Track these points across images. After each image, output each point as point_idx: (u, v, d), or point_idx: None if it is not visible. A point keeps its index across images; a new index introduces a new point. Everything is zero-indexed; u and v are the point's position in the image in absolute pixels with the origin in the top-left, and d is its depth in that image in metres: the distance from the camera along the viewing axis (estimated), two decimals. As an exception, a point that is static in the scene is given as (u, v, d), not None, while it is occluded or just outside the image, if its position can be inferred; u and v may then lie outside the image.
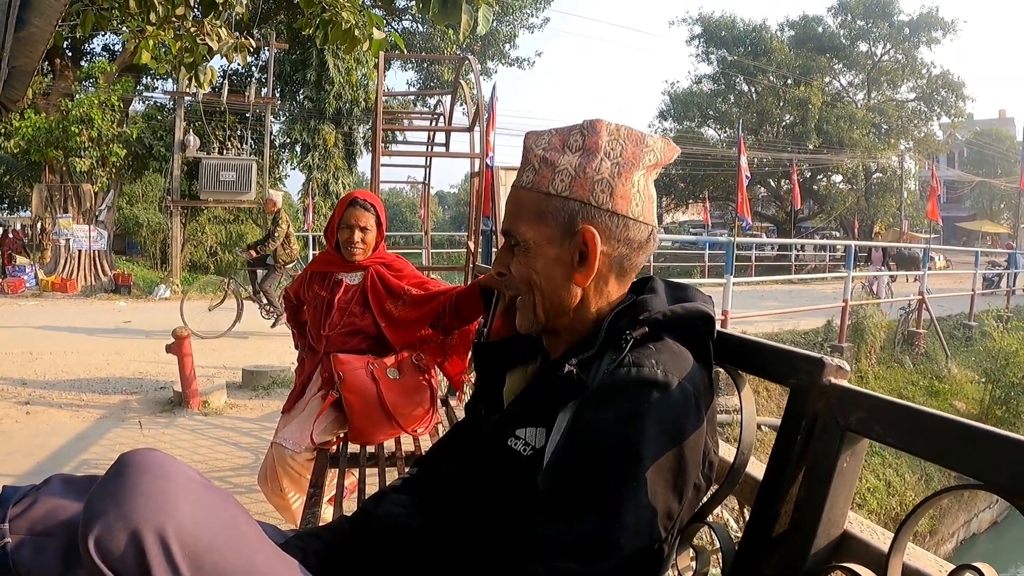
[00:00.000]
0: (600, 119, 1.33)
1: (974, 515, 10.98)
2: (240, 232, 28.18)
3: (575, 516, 1.10)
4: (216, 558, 1.08)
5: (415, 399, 3.07)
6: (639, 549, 1.11)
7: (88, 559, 1.04)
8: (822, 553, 1.11)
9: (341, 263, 3.26)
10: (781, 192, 39.78)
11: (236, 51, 5.93)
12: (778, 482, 1.19)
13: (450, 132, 6.56)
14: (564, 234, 1.29)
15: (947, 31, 37.42)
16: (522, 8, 27.58)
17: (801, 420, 1.18)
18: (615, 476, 1.09)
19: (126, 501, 1.07)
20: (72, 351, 9.64)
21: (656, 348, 1.20)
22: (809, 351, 1.26)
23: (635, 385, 1.13)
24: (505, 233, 1.35)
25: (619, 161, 1.29)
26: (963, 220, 49.21)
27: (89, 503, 1.09)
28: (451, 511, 1.39)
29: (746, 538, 1.23)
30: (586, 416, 1.15)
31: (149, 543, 1.03)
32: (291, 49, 23.16)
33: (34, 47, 3.90)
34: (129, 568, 1.03)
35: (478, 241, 5.23)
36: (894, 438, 1.05)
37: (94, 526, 1.05)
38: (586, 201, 1.27)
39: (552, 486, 1.15)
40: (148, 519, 1.05)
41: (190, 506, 1.09)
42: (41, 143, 17.50)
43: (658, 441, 1.10)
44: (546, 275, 1.31)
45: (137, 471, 1.11)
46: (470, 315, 3.07)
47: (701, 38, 40.84)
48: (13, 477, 4.76)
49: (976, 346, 14.64)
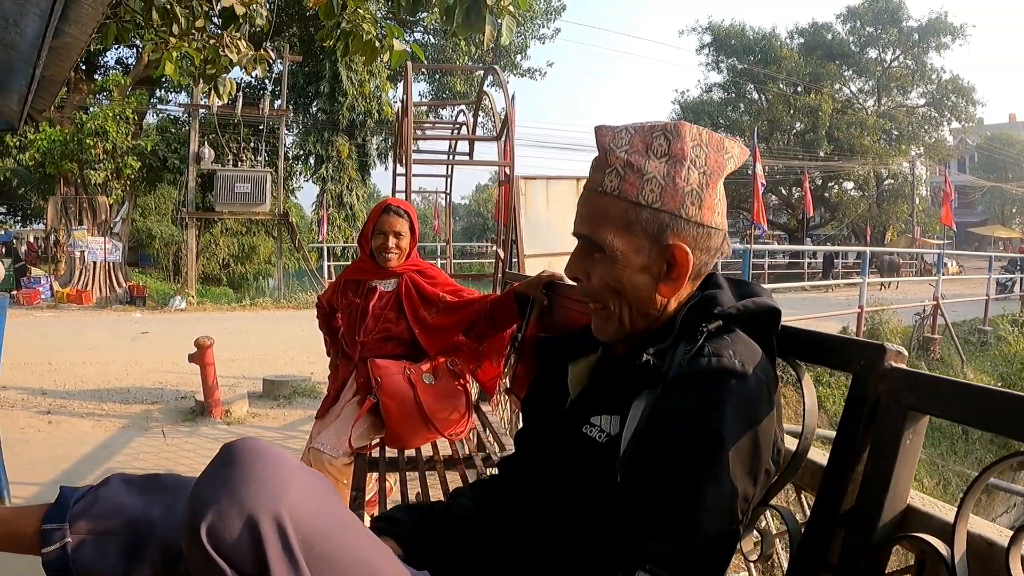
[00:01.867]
0: (683, 122, 1.32)
1: (992, 519, 10.95)
2: (252, 244, 28.31)
3: (658, 497, 1.12)
4: (325, 545, 1.10)
5: (451, 403, 3.09)
6: (718, 529, 1.14)
7: (198, 547, 1.05)
8: (888, 527, 1.15)
9: (376, 270, 3.29)
10: (792, 200, 39.75)
11: (256, 63, 5.98)
12: (844, 462, 1.23)
13: (474, 141, 6.59)
14: (652, 244, 1.28)
15: (956, 36, 37.40)
16: (533, 19, 27.67)
17: (864, 402, 1.22)
18: (698, 459, 1.12)
19: (240, 488, 1.08)
20: (91, 361, 9.70)
21: (731, 339, 1.22)
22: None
23: (716, 374, 1.16)
24: (584, 238, 1.33)
25: (705, 170, 1.28)
26: (975, 225, 48.96)
27: (198, 492, 1.10)
28: (525, 502, 1.41)
29: (814, 517, 1.26)
30: (668, 405, 1.17)
31: (266, 529, 1.05)
32: (304, 61, 23.29)
33: (67, 57, 3.96)
34: (243, 554, 1.05)
35: (508, 249, 5.24)
36: (954, 412, 1.10)
37: (206, 514, 1.06)
38: (677, 213, 1.26)
39: (633, 472, 1.17)
40: (264, 505, 1.07)
41: (301, 492, 1.11)
42: (56, 156, 17.64)
43: (737, 426, 1.13)
44: (632, 284, 1.30)
45: (248, 458, 1.13)
46: (504, 323, 3.09)
47: (711, 47, 40.87)
48: (39, 486, 4.79)
49: (991, 351, 14.61)
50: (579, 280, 1.37)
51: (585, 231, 1.32)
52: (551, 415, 1.47)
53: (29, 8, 3.00)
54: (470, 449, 3.80)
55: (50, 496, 1.50)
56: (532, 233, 6.55)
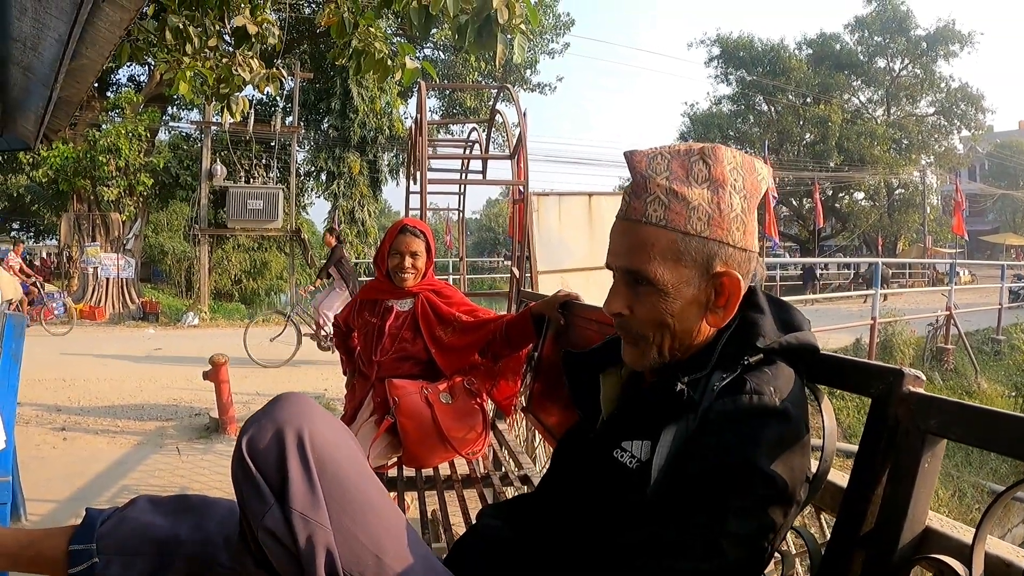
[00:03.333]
0: (717, 145, 1.29)
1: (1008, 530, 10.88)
2: (264, 260, 28.40)
3: (685, 518, 1.12)
4: (336, 469, 1.33)
5: (468, 423, 3.09)
6: (741, 558, 1.13)
7: (239, 459, 1.32)
8: (907, 548, 1.17)
9: (392, 290, 3.31)
10: (803, 211, 39.71)
11: (268, 81, 6.03)
12: (864, 484, 1.24)
13: (487, 160, 6.60)
14: (701, 275, 1.25)
15: (964, 44, 37.27)
16: (543, 34, 27.75)
17: (884, 426, 1.23)
18: (728, 487, 1.12)
19: (275, 411, 1.37)
20: (105, 378, 9.75)
21: (772, 374, 1.21)
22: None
23: (758, 413, 1.15)
24: (626, 271, 1.29)
25: (745, 194, 1.26)
26: (986, 233, 48.76)
27: (248, 420, 1.39)
28: (554, 522, 1.42)
29: (834, 538, 1.28)
30: (707, 441, 1.16)
31: (289, 438, 1.32)
32: (315, 78, 23.41)
33: (83, 78, 4.00)
34: (270, 461, 1.31)
35: (523, 267, 5.25)
36: (972, 437, 1.12)
37: (248, 430, 1.35)
38: (724, 241, 1.24)
39: (663, 500, 1.17)
40: (290, 421, 1.34)
41: (323, 425, 1.38)
42: (69, 172, 17.78)
43: (773, 463, 1.12)
44: (680, 317, 1.27)
45: (288, 395, 1.42)
46: (520, 343, 3.11)
47: (720, 59, 40.94)
48: (55, 503, 4.80)
49: (1005, 360, 14.55)
50: (620, 315, 1.32)
51: (627, 264, 1.28)
52: (583, 434, 1.48)
53: (47, 33, 3.04)
54: (487, 467, 3.82)
55: (67, 514, 1.57)
56: (545, 250, 6.57)
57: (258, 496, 1.29)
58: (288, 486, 1.27)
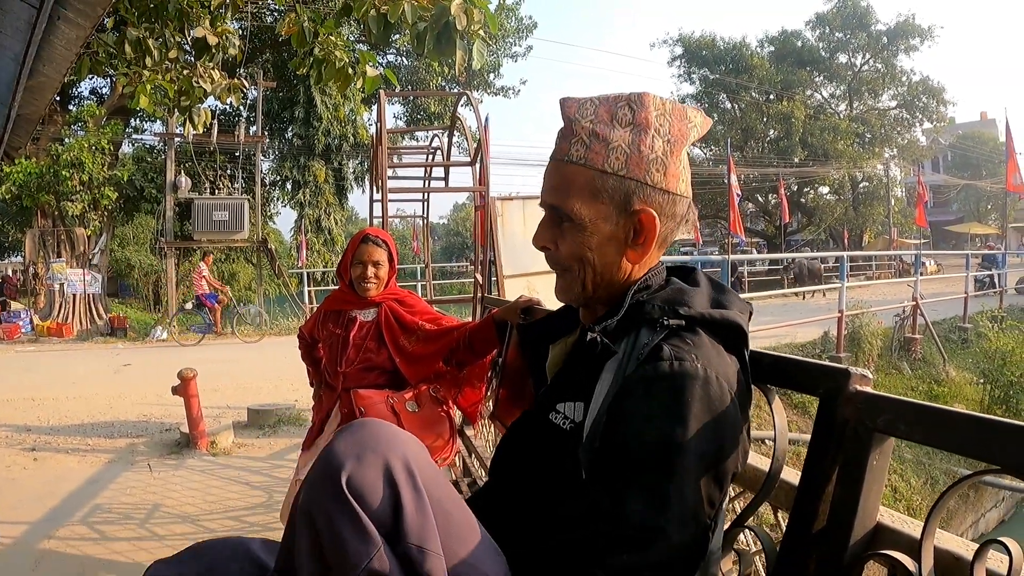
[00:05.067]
0: (646, 92, 1.34)
1: (981, 515, 11.02)
2: (233, 271, 28.20)
3: (624, 509, 1.13)
4: (436, 491, 1.25)
5: (435, 430, 3.09)
6: (686, 536, 1.15)
7: (338, 498, 1.17)
8: (859, 544, 1.19)
9: (355, 300, 3.31)
10: (769, 207, 40.00)
11: (230, 92, 6.00)
12: (815, 483, 1.26)
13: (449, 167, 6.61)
14: (619, 211, 1.30)
15: (924, 38, 37.77)
16: (505, 38, 27.79)
17: (832, 425, 1.25)
18: (661, 468, 1.13)
19: (371, 443, 1.23)
20: (74, 396, 9.62)
21: (694, 343, 1.22)
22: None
23: (678, 378, 1.16)
24: (551, 208, 1.36)
25: (669, 138, 1.30)
26: (951, 223, 49.32)
27: (333, 454, 1.23)
28: (505, 500, 1.44)
29: (788, 537, 1.30)
30: (629, 406, 1.18)
31: (398, 470, 1.20)
32: (279, 87, 23.31)
33: (42, 95, 3.98)
34: (380, 496, 1.18)
35: (486, 273, 5.26)
36: (919, 435, 1.15)
37: (345, 466, 1.19)
38: (642, 180, 1.29)
39: (598, 474, 1.18)
40: (394, 452, 1.22)
41: (416, 448, 1.29)
42: (32, 188, 17.55)
43: (700, 434, 1.14)
44: (600, 251, 1.33)
45: (371, 424, 1.29)
46: (483, 350, 3.11)
47: (682, 58, 41.17)
48: (27, 524, 4.76)
49: (972, 348, 14.76)
50: (547, 249, 1.39)
51: (552, 201, 1.35)
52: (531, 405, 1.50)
53: (2, 52, 3.02)
54: (456, 475, 3.82)
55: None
56: (510, 254, 6.56)
57: (360, 538, 1.16)
58: (403, 520, 1.19)
